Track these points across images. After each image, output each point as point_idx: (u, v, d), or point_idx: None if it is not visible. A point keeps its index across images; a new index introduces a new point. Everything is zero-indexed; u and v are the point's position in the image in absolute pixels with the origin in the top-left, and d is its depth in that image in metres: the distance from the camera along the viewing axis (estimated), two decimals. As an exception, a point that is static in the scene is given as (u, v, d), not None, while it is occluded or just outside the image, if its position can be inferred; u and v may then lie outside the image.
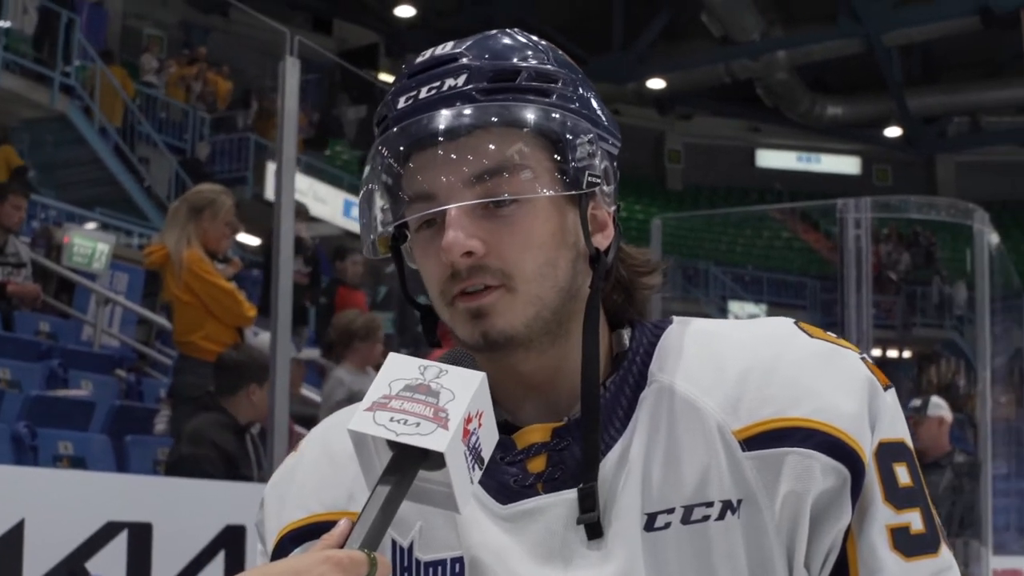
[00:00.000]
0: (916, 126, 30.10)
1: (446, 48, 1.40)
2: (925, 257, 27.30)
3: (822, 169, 33.70)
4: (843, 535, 1.33)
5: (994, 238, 8.27)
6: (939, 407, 7.84)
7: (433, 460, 1.18)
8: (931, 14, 24.48)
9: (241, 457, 5.77)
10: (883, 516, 1.33)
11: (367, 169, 1.41)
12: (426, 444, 1.17)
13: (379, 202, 1.40)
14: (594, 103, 1.44)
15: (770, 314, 25.74)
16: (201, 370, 6.28)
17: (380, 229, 1.41)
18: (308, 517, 1.45)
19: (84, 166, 16.01)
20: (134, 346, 9.61)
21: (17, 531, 4.28)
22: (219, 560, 4.89)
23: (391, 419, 1.19)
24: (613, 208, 1.45)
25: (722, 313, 24.85)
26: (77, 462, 6.47)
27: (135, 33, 23.03)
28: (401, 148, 1.36)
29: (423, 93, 1.37)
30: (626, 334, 1.45)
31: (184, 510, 4.94)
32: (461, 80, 1.36)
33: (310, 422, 7.92)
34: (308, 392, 8.59)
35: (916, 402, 8.06)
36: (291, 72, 5.66)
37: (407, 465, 1.19)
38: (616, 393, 1.39)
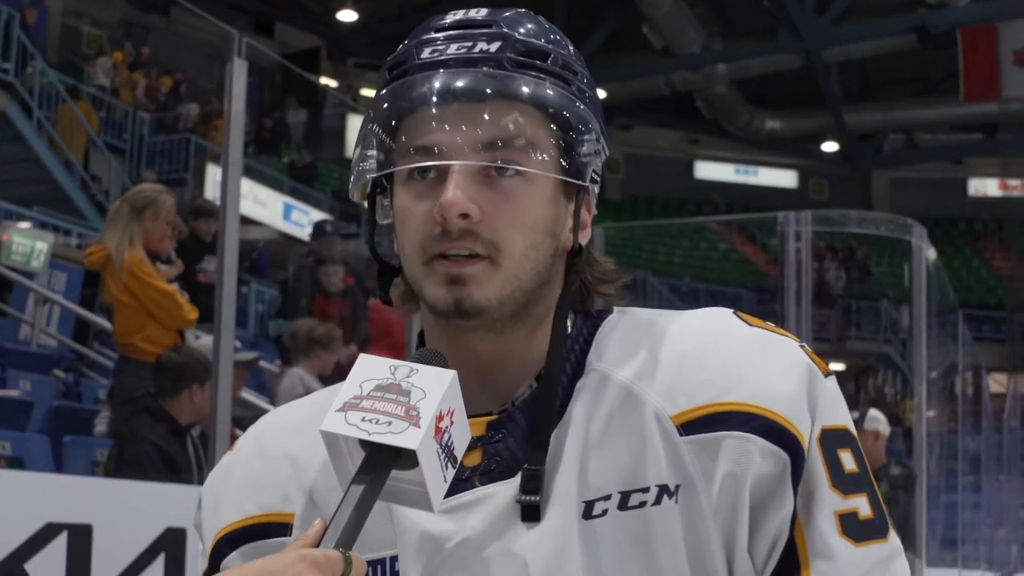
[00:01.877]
0: (852, 141, 30.42)
1: (480, 13, 1.40)
2: (860, 272, 27.57)
3: (759, 182, 33.98)
4: (790, 522, 1.32)
5: (931, 253, 8.37)
6: (876, 420, 7.93)
7: (406, 459, 1.19)
8: (869, 31, 24.78)
9: (182, 459, 5.74)
10: (830, 502, 1.32)
11: (374, 108, 1.39)
12: (398, 442, 1.17)
13: (374, 148, 1.39)
14: (600, 107, 1.45)
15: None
16: (141, 371, 6.23)
17: (380, 172, 1.40)
18: (244, 519, 1.45)
19: (21, 163, 15.81)
20: (72, 346, 9.51)
21: (-45, 531, 4.24)
22: (159, 562, 4.86)
23: (363, 419, 1.19)
24: (593, 213, 1.47)
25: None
26: (15, 462, 6.39)
27: (74, 31, 22.80)
28: (421, 96, 1.34)
29: (451, 49, 1.36)
30: (568, 322, 1.44)
31: (124, 512, 4.90)
32: (494, 47, 1.36)
33: (250, 424, 7.91)
34: (248, 395, 8.55)
35: (853, 415, 8.13)
36: (238, 74, 5.62)
37: (380, 464, 1.19)
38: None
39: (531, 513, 1.32)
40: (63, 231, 14.36)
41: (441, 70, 1.35)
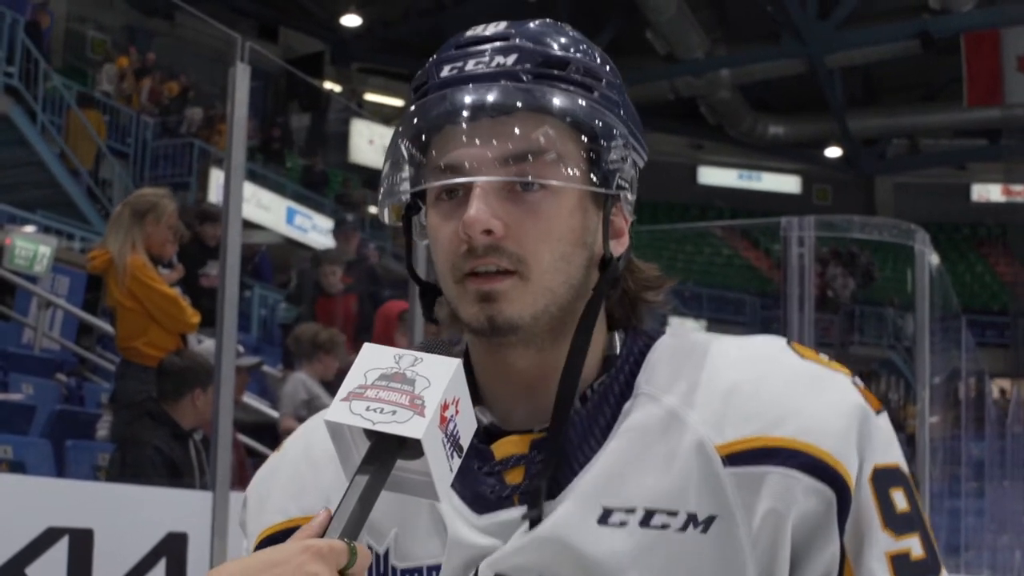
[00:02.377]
0: (856, 147, 30.42)
1: (499, 27, 1.39)
2: (864, 277, 27.52)
3: (763, 187, 33.98)
4: (839, 562, 1.30)
5: (934, 259, 8.34)
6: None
7: (411, 448, 1.18)
8: (872, 37, 24.77)
9: (184, 463, 5.74)
10: (883, 543, 1.31)
11: (398, 131, 1.39)
12: (403, 432, 1.17)
13: (402, 169, 1.38)
14: (630, 109, 1.43)
15: (710, 331, 25.96)
16: (144, 376, 6.23)
17: (401, 194, 1.39)
18: (286, 521, 1.45)
19: (25, 167, 15.81)
20: (75, 350, 9.51)
21: (-45, 535, 4.24)
22: (160, 567, 4.86)
23: (367, 408, 1.19)
24: (632, 219, 1.45)
25: (660, 328, 24.91)
26: (16, 466, 6.38)
27: (79, 36, 22.83)
28: (441, 116, 1.34)
29: (469, 65, 1.36)
30: (619, 338, 1.44)
31: (126, 516, 4.90)
32: (511, 60, 1.35)
33: (252, 429, 7.91)
34: (251, 400, 8.55)
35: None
36: (241, 78, 5.62)
37: (385, 454, 1.19)
38: (599, 402, 1.38)
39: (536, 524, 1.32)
40: (67, 235, 14.37)
41: (459, 87, 1.34)
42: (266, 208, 19.23)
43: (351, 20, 27.02)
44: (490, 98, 1.32)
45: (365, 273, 11.04)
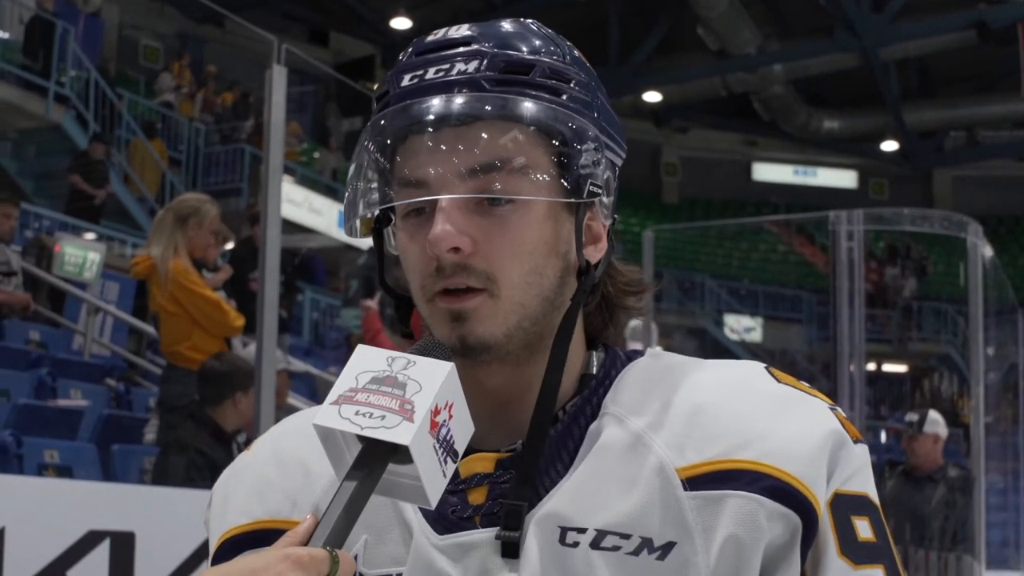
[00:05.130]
0: (913, 140, 30.11)
1: (460, 31, 1.34)
2: (917, 271, 27.27)
3: (818, 183, 33.68)
4: None
5: (988, 251, 8.22)
6: (936, 424, 7.81)
7: (403, 453, 1.15)
8: (927, 28, 24.51)
9: (226, 466, 5.74)
10: (838, 570, 1.25)
11: (360, 146, 1.34)
12: (391, 437, 1.14)
13: (368, 182, 1.34)
14: (604, 109, 1.38)
15: (766, 328, 25.87)
16: (187, 379, 6.27)
17: (365, 212, 1.35)
18: (250, 523, 1.41)
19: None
20: (124, 355, 9.58)
21: (-3, 539, 4.26)
22: (202, 570, 4.86)
23: (356, 412, 1.16)
24: (609, 221, 1.40)
25: (718, 326, 24.83)
26: (63, 471, 6.44)
27: (132, 43, 23.03)
28: (400, 128, 1.30)
29: (430, 73, 1.31)
30: (597, 358, 1.40)
31: (168, 519, 4.92)
32: (472, 67, 1.30)
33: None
34: (296, 402, 8.57)
35: (912, 416, 8.01)
36: (278, 80, 5.64)
37: (375, 459, 1.16)
38: (570, 424, 1.34)
39: (511, 550, 1.28)
40: (118, 241, 14.50)
41: (420, 98, 1.30)
42: (318, 212, 19.30)
43: (401, 23, 27.04)
44: (452, 108, 1.28)
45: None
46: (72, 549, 4.52)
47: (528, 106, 1.29)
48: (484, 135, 1.28)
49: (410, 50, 1.35)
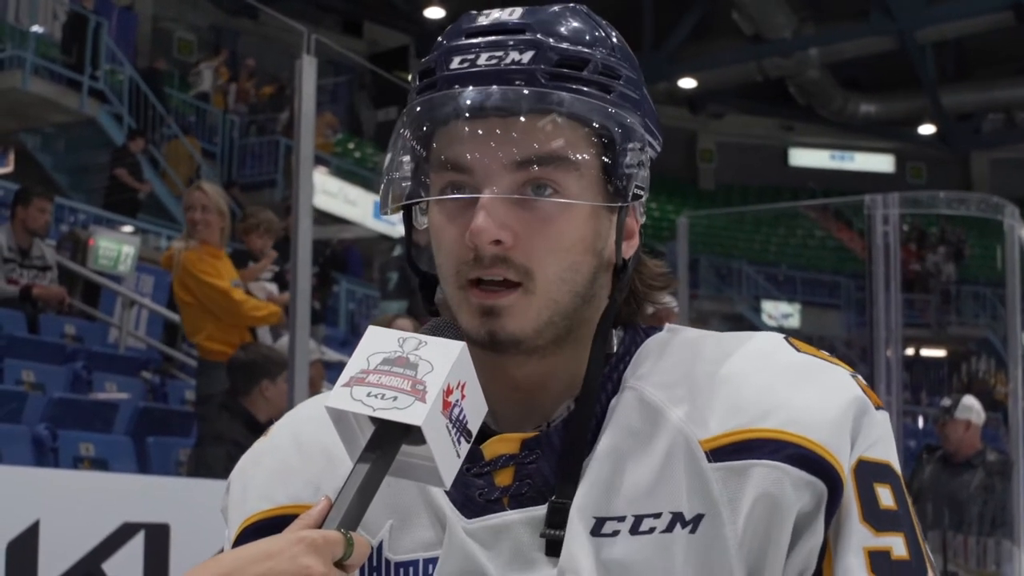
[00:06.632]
0: (950, 123, 29.92)
1: (513, 15, 1.31)
2: (954, 255, 27.08)
3: (856, 167, 33.47)
4: (818, 553, 1.25)
5: (1025, 233, 8.14)
6: (969, 410, 7.72)
7: (416, 435, 1.14)
8: (964, 9, 24.30)
9: (252, 455, 5.76)
10: (860, 537, 1.25)
11: (402, 121, 1.33)
12: (402, 418, 1.13)
13: (407, 161, 1.33)
14: (647, 103, 1.37)
15: (804, 314, 25.73)
16: (215, 371, 6.27)
17: (406, 193, 1.33)
18: (272, 509, 1.39)
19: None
20: (159, 348, 9.62)
21: (32, 532, 4.28)
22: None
23: (368, 394, 1.15)
24: (643, 218, 1.40)
25: (755, 312, 24.72)
26: (99, 464, 6.47)
27: (166, 36, 23.12)
28: (449, 113, 1.28)
29: (482, 59, 1.29)
30: (616, 336, 1.39)
31: (202, 511, 4.89)
32: (527, 57, 1.28)
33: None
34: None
35: (946, 401, 7.95)
36: (308, 70, 5.63)
37: (388, 441, 1.16)
38: (592, 401, 1.33)
39: (554, 548, 1.27)
40: (152, 234, 14.56)
41: (470, 85, 1.28)
42: (353, 203, 19.31)
43: (435, 12, 27.05)
44: (504, 100, 1.26)
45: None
46: (107, 541, 4.53)
47: (581, 104, 1.28)
48: (533, 129, 1.27)
49: (459, 29, 1.33)
